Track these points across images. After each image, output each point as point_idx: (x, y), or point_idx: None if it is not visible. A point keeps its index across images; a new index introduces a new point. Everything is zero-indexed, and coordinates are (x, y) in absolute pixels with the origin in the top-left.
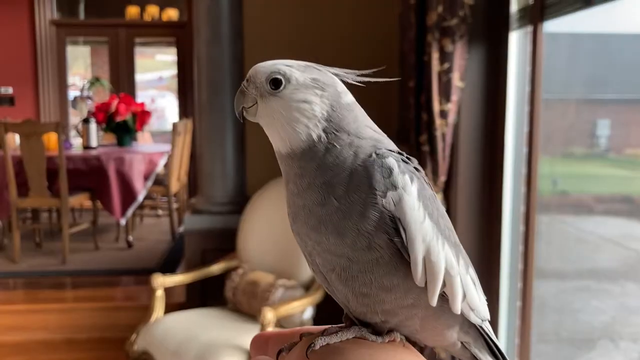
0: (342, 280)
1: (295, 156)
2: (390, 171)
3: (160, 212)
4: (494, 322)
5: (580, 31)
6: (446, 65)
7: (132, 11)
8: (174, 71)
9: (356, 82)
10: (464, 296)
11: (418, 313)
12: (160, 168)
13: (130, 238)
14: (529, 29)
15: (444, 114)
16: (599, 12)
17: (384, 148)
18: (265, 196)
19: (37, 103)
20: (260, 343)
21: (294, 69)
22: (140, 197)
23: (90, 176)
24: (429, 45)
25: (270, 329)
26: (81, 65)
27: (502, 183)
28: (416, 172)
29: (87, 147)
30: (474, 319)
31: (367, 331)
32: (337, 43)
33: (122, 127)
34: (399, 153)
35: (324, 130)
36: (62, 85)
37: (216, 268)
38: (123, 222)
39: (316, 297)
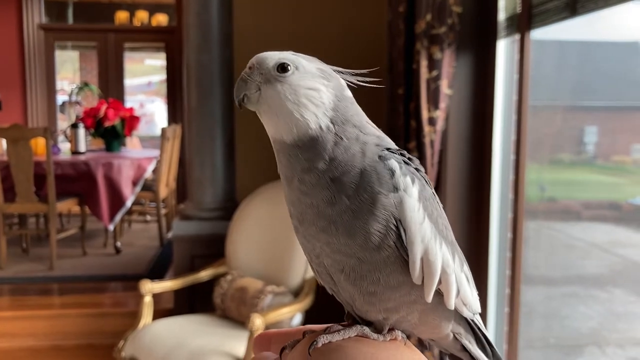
0: (351, 280)
1: (304, 146)
2: (392, 173)
3: (148, 217)
4: None
5: (567, 39)
6: (435, 73)
7: (122, 16)
8: (163, 76)
9: (350, 82)
10: (458, 292)
11: (418, 308)
12: (149, 173)
13: (119, 244)
14: (517, 37)
15: (432, 121)
16: (585, 20)
17: (385, 147)
18: (254, 202)
19: (24, 108)
20: (263, 341)
21: (301, 58)
22: (129, 203)
23: (78, 181)
24: (418, 53)
25: None
26: (69, 70)
27: (489, 190)
28: (417, 172)
29: (75, 152)
30: (466, 313)
31: (369, 330)
32: (326, 50)
33: (111, 133)
34: (401, 154)
35: (331, 121)
36: (50, 90)
37: (205, 274)
38: (111, 227)
39: (305, 303)
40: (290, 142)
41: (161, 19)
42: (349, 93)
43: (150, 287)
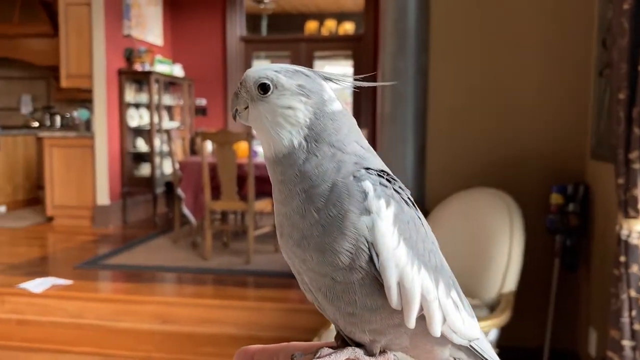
0: (329, 300)
1: (278, 161)
2: (365, 195)
3: None
4: None
5: None
6: None
7: (311, 26)
8: None
9: (351, 85)
10: (444, 319)
11: (407, 331)
12: None
13: None
14: None
15: None
16: None
17: (364, 168)
18: (445, 210)
19: (225, 113)
20: (245, 358)
21: (281, 75)
22: None
23: None
24: None
25: None
26: None
27: None
28: (396, 194)
29: None
30: (457, 340)
31: (361, 352)
32: (527, 52)
33: None
34: (380, 175)
35: (305, 138)
36: None
37: None
38: None
39: (502, 319)
40: (269, 157)
41: (348, 27)
42: (334, 107)
43: None
